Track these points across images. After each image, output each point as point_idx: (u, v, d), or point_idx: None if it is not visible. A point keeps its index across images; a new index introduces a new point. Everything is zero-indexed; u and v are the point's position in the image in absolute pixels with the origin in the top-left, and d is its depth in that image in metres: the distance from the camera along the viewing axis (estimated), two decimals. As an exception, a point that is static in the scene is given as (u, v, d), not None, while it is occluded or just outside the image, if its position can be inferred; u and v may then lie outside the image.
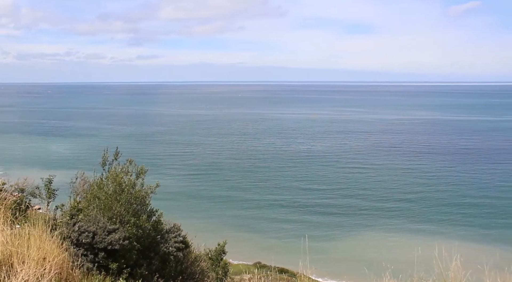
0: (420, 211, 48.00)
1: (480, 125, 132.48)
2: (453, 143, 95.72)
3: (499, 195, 53.52)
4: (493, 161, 74.69)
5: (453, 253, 8.12)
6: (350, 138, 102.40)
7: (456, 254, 8.15)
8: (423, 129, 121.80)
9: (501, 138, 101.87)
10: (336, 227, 43.92)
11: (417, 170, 67.73)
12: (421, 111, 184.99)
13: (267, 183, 60.82)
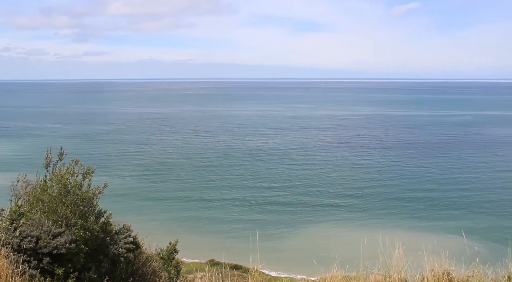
0: (367, 204, 49.82)
1: (420, 119, 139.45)
2: (397, 137, 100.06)
3: (438, 187, 56.53)
4: (433, 154, 78.80)
5: (396, 242, 8.57)
6: (300, 135, 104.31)
7: (399, 243, 8.60)
8: (369, 124, 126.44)
9: (439, 133, 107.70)
10: (288, 223, 44.71)
11: (364, 165, 70.19)
12: (367, 107, 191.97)
13: (218, 181, 60.74)
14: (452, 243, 22.69)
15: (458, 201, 49.52)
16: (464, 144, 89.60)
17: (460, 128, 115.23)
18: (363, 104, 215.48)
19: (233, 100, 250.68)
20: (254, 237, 10.42)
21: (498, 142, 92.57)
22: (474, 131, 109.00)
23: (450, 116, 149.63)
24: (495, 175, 61.76)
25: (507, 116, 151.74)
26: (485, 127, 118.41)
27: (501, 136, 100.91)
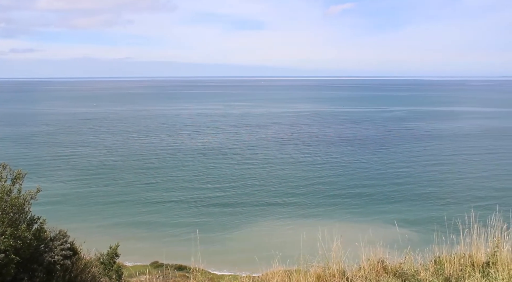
0: (307, 200, 51.08)
1: (356, 116, 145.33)
2: (336, 133, 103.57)
3: (374, 181, 59.20)
4: (369, 149, 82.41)
5: (334, 235, 8.94)
6: (242, 133, 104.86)
7: (337, 236, 8.99)
8: (309, 121, 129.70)
9: (374, 128, 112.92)
10: (231, 222, 44.87)
11: (304, 162, 71.94)
12: (306, 104, 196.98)
13: (160, 183, 59.57)
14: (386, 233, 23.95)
15: (391, 194, 52.20)
16: (397, 138, 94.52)
17: (393, 124, 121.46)
18: (303, 101, 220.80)
19: (173, 99, 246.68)
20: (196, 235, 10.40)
21: (427, 135, 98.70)
22: (406, 126, 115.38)
23: (384, 112, 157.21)
24: (424, 168, 65.76)
25: (435, 111, 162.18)
26: (415, 122, 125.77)
27: (429, 130, 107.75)
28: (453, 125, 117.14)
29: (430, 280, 9.30)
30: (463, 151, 78.34)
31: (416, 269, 9.73)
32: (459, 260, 9.99)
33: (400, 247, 10.65)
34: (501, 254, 9.81)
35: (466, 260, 9.96)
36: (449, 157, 72.73)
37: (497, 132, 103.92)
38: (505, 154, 74.82)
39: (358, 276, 8.69)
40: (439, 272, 9.71)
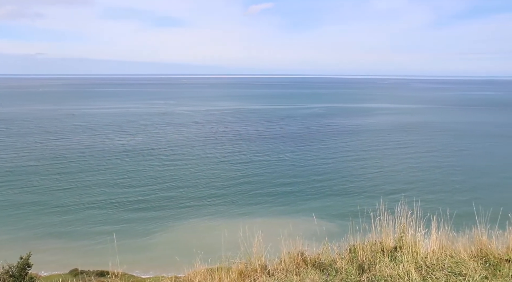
0: (231, 198, 51.41)
1: (279, 113, 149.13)
2: (259, 130, 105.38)
3: (295, 177, 61.17)
4: (293, 145, 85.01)
5: (256, 230, 9.19)
6: (164, 132, 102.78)
7: (258, 231, 9.25)
8: (232, 119, 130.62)
9: (296, 125, 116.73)
10: (155, 223, 43.85)
11: (229, 159, 72.34)
12: (229, 102, 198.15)
13: (78, 186, 56.38)
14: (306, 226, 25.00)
15: (311, 188, 54.30)
16: (317, 135, 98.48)
17: (313, 121, 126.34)
18: (225, 99, 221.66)
19: (90, 97, 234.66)
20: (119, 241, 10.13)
21: (344, 131, 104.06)
22: (325, 123, 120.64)
23: (304, 109, 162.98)
24: (342, 163, 69.25)
25: (351, 108, 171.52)
26: (333, 118, 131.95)
27: (346, 126, 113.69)
28: (367, 121, 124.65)
29: (345, 268, 9.90)
30: (376, 145, 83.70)
31: (333, 258, 10.31)
32: (371, 246, 10.75)
33: (318, 239, 11.19)
34: (406, 238, 10.72)
35: (377, 246, 10.74)
36: (363, 152, 77.33)
37: (406, 127, 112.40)
38: (412, 148, 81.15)
39: (279, 269, 9.03)
40: (354, 259, 10.38)
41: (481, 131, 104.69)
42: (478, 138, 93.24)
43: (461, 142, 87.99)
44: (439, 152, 76.18)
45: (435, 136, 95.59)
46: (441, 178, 57.62)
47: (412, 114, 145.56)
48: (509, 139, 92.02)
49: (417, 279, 9.53)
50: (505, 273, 10.02)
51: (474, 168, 63.18)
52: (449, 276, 9.69)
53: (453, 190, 50.99)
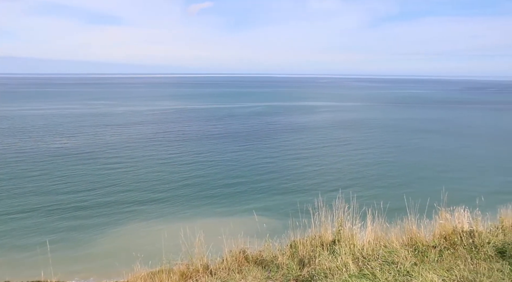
0: (171, 199, 50.43)
1: (221, 112, 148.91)
2: (202, 130, 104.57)
3: (237, 176, 61.42)
4: (236, 144, 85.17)
5: (197, 231, 9.16)
6: (104, 133, 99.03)
7: (200, 231, 9.22)
8: (174, 119, 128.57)
9: (238, 123, 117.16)
10: (93, 228, 42.02)
11: (171, 160, 71.15)
12: (170, 101, 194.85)
13: (8, 193, 52.85)
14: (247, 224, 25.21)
15: (252, 187, 54.75)
16: (259, 133, 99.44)
17: (255, 119, 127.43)
18: (167, 99, 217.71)
19: (19, 98, 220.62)
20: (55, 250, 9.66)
21: (287, 129, 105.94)
22: (267, 121, 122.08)
23: (246, 108, 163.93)
24: (282, 160, 70.46)
25: (292, 106, 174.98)
26: (275, 117, 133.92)
27: (289, 124, 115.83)
28: (308, 119, 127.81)
29: (286, 263, 10.14)
30: (317, 143, 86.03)
31: (275, 254, 10.52)
32: (311, 241, 11.10)
33: (260, 236, 11.35)
34: (344, 232, 11.16)
35: (317, 241, 11.10)
36: (305, 150, 79.17)
37: (344, 124, 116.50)
38: (350, 145, 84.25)
39: (221, 268, 9.07)
40: (295, 254, 10.65)
41: (412, 127, 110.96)
42: (410, 134, 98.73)
43: (394, 137, 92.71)
44: (375, 148, 79.78)
45: (371, 133, 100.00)
46: (376, 173, 60.39)
47: (350, 112, 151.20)
48: (435, 134, 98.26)
49: (354, 270, 9.94)
50: (432, 258, 10.72)
51: (406, 163, 66.83)
52: (383, 265, 10.21)
53: (387, 184, 53.64)
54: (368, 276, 9.56)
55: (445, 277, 9.49)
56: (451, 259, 10.72)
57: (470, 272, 9.77)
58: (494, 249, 11.53)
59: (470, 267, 10.15)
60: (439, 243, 11.69)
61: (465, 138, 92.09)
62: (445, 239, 11.97)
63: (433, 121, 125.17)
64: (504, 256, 11.17)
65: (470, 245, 11.69)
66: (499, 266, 10.44)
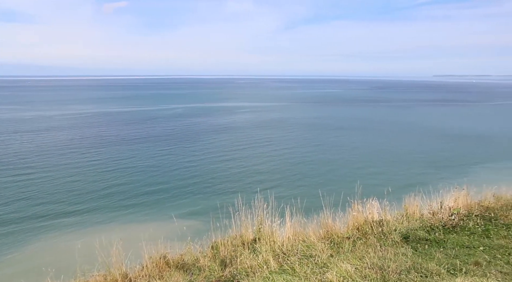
0: (86, 207, 47.65)
1: (140, 115, 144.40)
2: (121, 134, 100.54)
3: (158, 180, 60.08)
4: (158, 148, 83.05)
5: (114, 239, 8.83)
6: (11, 141, 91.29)
7: (117, 239, 8.91)
8: (91, 123, 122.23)
9: (161, 126, 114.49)
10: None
11: (89, 168, 67.55)
12: (85, 105, 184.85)
13: None
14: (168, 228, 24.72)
15: (173, 190, 53.76)
16: (181, 136, 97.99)
17: (176, 121, 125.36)
18: (82, 102, 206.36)
19: None
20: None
21: (208, 131, 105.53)
22: (189, 123, 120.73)
23: (166, 110, 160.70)
24: (204, 161, 70.23)
25: (213, 107, 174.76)
26: (197, 118, 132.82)
27: (209, 126, 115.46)
28: (229, 120, 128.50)
29: (208, 265, 10.17)
30: (238, 144, 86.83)
31: (196, 257, 10.50)
32: (232, 241, 11.23)
33: (181, 240, 11.24)
34: (264, 229, 11.44)
35: (238, 240, 11.27)
36: (226, 151, 79.52)
37: (264, 124, 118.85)
38: (269, 145, 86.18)
39: (141, 276, 8.85)
40: (216, 256, 10.72)
41: (328, 125, 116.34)
42: (327, 132, 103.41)
43: (312, 136, 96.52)
44: (295, 147, 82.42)
45: (291, 132, 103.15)
46: (295, 171, 62.45)
47: (270, 112, 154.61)
48: (351, 131, 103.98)
49: (275, 266, 10.23)
50: (346, 249, 11.38)
51: (324, 160, 69.90)
52: (302, 259, 10.63)
53: (306, 182, 55.68)
54: (288, 271, 9.91)
55: (357, 266, 10.13)
56: (363, 248, 11.45)
57: (379, 259, 10.51)
58: (400, 235, 12.51)
59: (379, 254, 10.93)
60: (352, 234, 12.42)
61: (376, 134, 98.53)
62: (358, 229, 12.75)
63: (348, 119, 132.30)
64: (408, 241, 12.17)
65: (379, 234, 12.57)
66: (403, 250, 11.36)
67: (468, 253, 11.33)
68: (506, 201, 16.36)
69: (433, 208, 14.96)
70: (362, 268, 9.93)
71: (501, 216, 14.79)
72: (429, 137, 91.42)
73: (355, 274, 9.58)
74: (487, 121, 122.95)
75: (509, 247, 11.74)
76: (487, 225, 13.78)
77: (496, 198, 16.81)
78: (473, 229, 13.47)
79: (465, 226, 13.64)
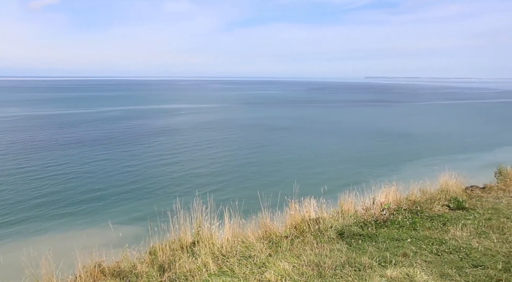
0: (17, 220, 44.49)
1: (73, 118, 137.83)
2: (54, 138, 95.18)
3: (93, 185, 57.79)
4: (94, 152, 79.68)
5: (44, 249, 8.40)
6: None
7: (47, 249, 8.48)
8: (19, 128, 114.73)
9: (97, 130, 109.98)
10: None
11: (18, 175, 63.21)
12: (12, 108, 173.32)
13: None
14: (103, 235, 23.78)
15: (109, 195, 51.77)
16: (120, 139, 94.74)
17: (114, 124, 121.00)
18: (7, 105, 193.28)
19: None
20: None
21: (148, 134, 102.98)
22: (127, 126, 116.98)
23: (101, 113, 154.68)
24: (142, 169, 68.36)
25: (152, 109, 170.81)
26: (135, 121, 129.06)
27: (150, 128, 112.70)
28: (170, 122, 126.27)
29: (146, 271, 9.98)
30: (179, 146, 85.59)
31: (134, 263, 10.26)
32: (170, 245, 11.10)
33: (118, 246, 10.93)
34: (203, 232, 11.42)
35: (176, 244, 11.15)
36: (166, 154, 78.12)
37: (207, 126, 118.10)
38: (212, 146, 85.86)
39: (74, 286, 8.51)
40: (154, 261, 10.54)
41: (270, 125, 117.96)
42: (268, 132, 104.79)
43: (254, 137, 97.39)
44: (235, 149, 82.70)
45: (233, 134, 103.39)
46: (234, 172, 62.71)
47: (211, 113, 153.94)
48: (291, 131, 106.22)
49: (214, 269, 10.25)
50: (284, 248, 11.64)
51: (263, 161, 70.80)
52: (241, 260, 10.73)
53: (245, 183, 56.09)
54: (227, 272, 9.97)
55: (295, 264, 10.40)
56: (301, 246, 11.78)
57: (315, 256, 10.87)
58: (336, 232, 13.00)
59: (316, 251, 11.30)
60: (290, 232, 12.73)
61: (314, 134, 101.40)
62: (296, 228, 13.09)
63: (288, 119, 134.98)
64: (343, 237, 12.68)
65: (316, 231, 12.98)
66: (339, 246, 11.83)
67: (397, 245, 12.04)
68: (431, 194, 17.57)
69: (366, 204, 15.71)
70: (299, 266, 10.22)
71: (426, 208, 15.86)
72: (362, 136, 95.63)
73: (293, 272, 9.84)
74: (414, 120, 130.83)
75: (433, 238, 12.64)
76: (414, 218, 14.71)
77: (422, 192, 17.99)
78: (402, 222, 14.33)
79: (395, 220, 14.48)
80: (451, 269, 10.10)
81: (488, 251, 11.32)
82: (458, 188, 18.49)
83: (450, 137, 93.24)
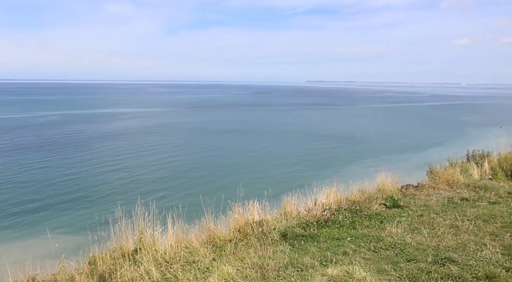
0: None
1: (7, 123, 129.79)
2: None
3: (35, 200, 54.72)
4: (31, 160, 75.23)
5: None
6: None
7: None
8: None
9: (32, 135, 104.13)
10: None
11: None
12: None
13: None
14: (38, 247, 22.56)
15: (48, 207, 49.16)
16: (59, 145, 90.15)
17: (52, 130, 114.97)
18: None
19: None
20: None
21: (89, 139, 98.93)
22: (66, 131, 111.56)
23: (37, 118, 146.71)
24: (82, 176, 65.70)
25: (92, 114, 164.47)
26: (74, 126, 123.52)
27: (91, 134, 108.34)
28: (113, 127, 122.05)
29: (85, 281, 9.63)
30: (123, 152, 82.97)
31: (71, 275, 9.88)
32: (111, 254, 10.79)
33: (55, 258, 10.47)
34: (145, 239, 11.21)
35: (118, 253, 10.86)
36: (109, 161, 75.51)
37: (152, 130, 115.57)
38: (158, 152, 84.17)
39: (6, 303, 8.04)
40: (94, 271, 10.19)
41: (216, 129, 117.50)
42: (215, 136, 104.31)
43: (198, 141, 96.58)
44: (180, 155, 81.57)
45: (176, 138, 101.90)
46: (179, 178, 61.90)
47: (155, 118, 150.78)
48: (238, 135, 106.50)
49: (157, 276, 10.10)
50: (228, 252, 11.69)
51: (208, 166, 70.44)
52: (185, 266, 10.65)
53: (189, 188, 55.44)
54: (171, 279, 9.85)
55: (239, 267, 10.48)
56: (245, 249, 11.88)
57: (259, 258, 11.01)
58: (279, 234, 13.24)
59: (259, 253, 11.45)
60: (234, 236, 12.80)
61: (259, 137, 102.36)
62: (239, 231, 13.18)
63: (234, 122, 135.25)
64: (286, 238, 12.94)
65: (260, 233, 13.15)
66: (282, 247, 12.07)
67: (338, 245, 12.48)
68: (369, 194, 18.38)
69: (308, 205, 16.15)
70: (243, 269, 10.31)
71: (365, 208, 16.57)
72: (306, 139, 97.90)
73: (237, 275, 9.91)
74: (354, 123, 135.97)
75: (371, 235, 13.23)
76: (353, 217, 15.32)
77: (361, 192, 18.77)
78: (342, 222, 14.87)
79: (336, 220, 15.00)
80: (387, 265, 10.63)
81: (420, 245, 12.04)
82: (394, 187, 19.48)
83: (388, 139, 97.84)
